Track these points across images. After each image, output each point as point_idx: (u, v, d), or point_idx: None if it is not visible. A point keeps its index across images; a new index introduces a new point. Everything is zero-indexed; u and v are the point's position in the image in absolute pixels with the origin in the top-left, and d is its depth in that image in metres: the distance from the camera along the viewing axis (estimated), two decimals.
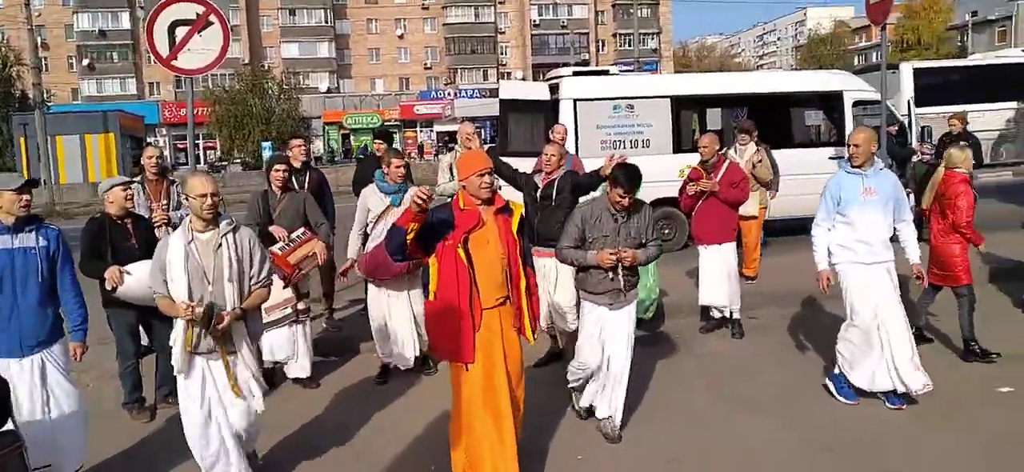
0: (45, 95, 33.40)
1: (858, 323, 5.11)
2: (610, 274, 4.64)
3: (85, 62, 57.78)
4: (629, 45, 58.42)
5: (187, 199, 3.81)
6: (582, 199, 5.54)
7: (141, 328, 5.46)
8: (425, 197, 3.62)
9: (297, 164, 7.05)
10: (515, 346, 4.06)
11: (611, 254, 4.55)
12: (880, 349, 5.06)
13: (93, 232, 5.15)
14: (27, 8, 31.47)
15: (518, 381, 4.09)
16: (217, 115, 44.76)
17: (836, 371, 5.35)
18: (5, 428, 3.65)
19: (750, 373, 6.04)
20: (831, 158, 10.67)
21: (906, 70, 17.57)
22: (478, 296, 3.85)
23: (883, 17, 9.66)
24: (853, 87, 11.37)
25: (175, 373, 3.95)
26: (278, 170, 5.98)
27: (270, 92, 46.10)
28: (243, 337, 3.97)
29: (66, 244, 4.35)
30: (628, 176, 4.57)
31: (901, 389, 5.06)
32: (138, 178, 6.22)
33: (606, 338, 4.78)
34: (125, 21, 57.85)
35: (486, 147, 8.07)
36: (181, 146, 53.51)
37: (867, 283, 5.08)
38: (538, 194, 5.89)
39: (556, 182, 5.83)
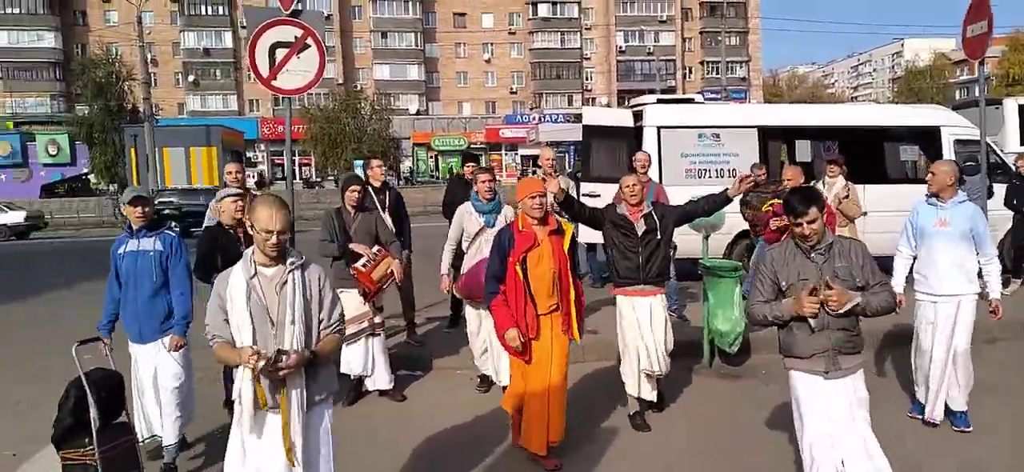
0: (154, 109, 35.39)
1: (918, 349, 5.46)
2: (818, 326, 3.65)
3: (190, 78, 60.93)
4: (717, 73, 57.67)
5: (251, 228, 3.21)
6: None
7: None
8: None
9: (376, 183, 7.34)
10: (564, 348, 4.82)
11: (812, 298, 3.59)
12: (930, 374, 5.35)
13: (206, 240, 5.53)
14: (139, 26, 33.58)
15: (562, 374, 4.81)
16: (312, 133, 46.41)
17: None
18: (119, 420, 3.98)
19: None
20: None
21: (1010, 106, 16.65)
22: (532, 306, 4.64)
23: (981, 52, 9.26)
24: (951, 123, 10.97)
25: (235, 425, 3.32)
26: (354, 190, 6.15)
27: (363, 112, 47.51)
28: (301, 394, 3.23)
29: (181, 247, 4.93)
30: (801, 197, 3.69)
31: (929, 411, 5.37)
32: (230, 190, 6.45)
33: (833, 424, 3.72)
34: (228, 40, 60.79)
35: (570, 171, 8.17)
36: (278, 162, 55.80)
37: (930, 318, 5.33)
38: (638, 229, 5.36)
39: (653, 213, 5.43)
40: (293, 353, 3.11)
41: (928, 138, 11.02)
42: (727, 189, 5.47)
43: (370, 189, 7.29)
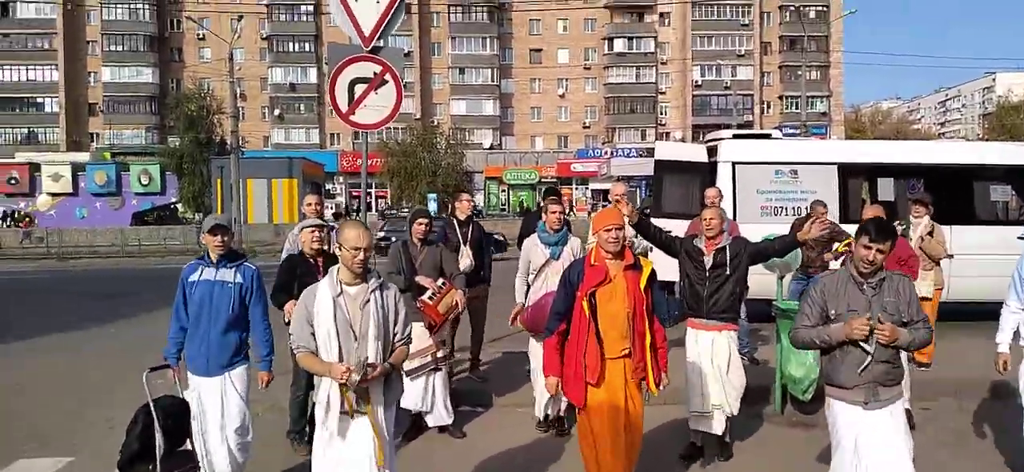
0: (240, 141, 36.84)
1: None
2: (862, 355, 3.82)
3: (276, 112, 63.32)
4: (796, 108, 56.34)
5: (339, 248, 3.60)
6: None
7: None
8: None
9: (462, 217, 7.40)
10: (637, 399, 4.27)
11: (863, 322, 3.75)
12: None
13: (285, 268, 5.71)
14: (230, 62, 35.14)
15: (635, 430, 4.29)
16: (389, 166, 47.41)
17: None
18: (183, 448, 4.05)
19: (918, 467, 5.56)
20: (1021, 237, 9.81)
21: None
22: (599, 347, 4.13)
23: None
24: None
25: (320, 430, 3.69)
26: (421, 223, 6.20)
27: (438, 146, 48.31)
28: (380, 400, 3.69)
29: (261, 282, 4.81)
30: (881, 226, 3.85)
31: None
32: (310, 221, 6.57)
33: (863, 451, 3.86)
34: (313, 76, 62.97)
35: (638, 206, 8.02)
36: (356, 193, 57.19)
37: None
38: (707, 262, 5.37)
39: (727, 249, 5.36)
40: (378, 366, 3.55)
41: (1021, 177, 10.46)
42: (797, 230, 5.41)
43: (454, 222, 7.36)
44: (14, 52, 62.47)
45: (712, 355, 5.36)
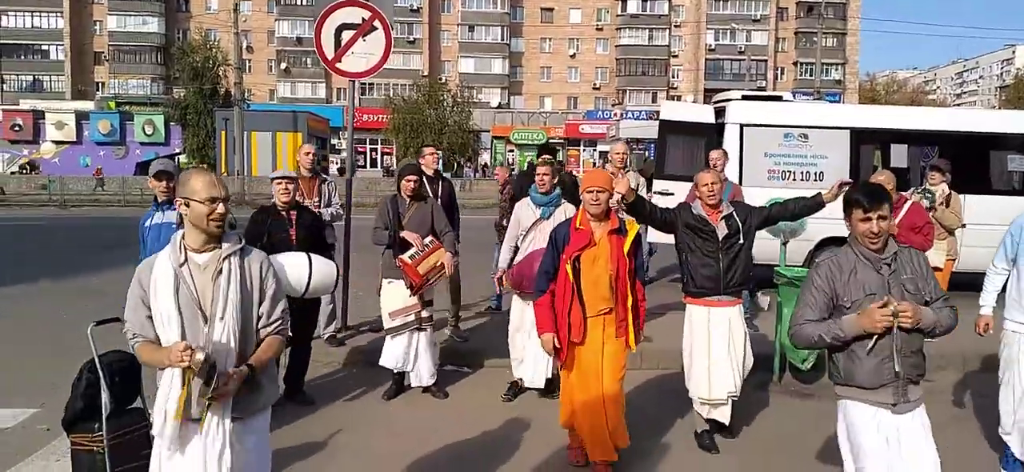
0: (246, 94, 36.42)
1: (1007, 391, 4.52)
2: (886, 350, 3.09)
3: (282, 66, 62.68)
4: (810, 75, 55.47)
5: (186, 206, 2.74)
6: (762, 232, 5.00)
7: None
8: None
9: (429, 172, 7.07)
10: (616, 352, 4.39)
11: (886, 312, 3.00)
12: None
13: (254, 220, 5.50)
14: (235, 12, 34.63)
15: (615, 380, 4.40)
16: (395, 123, 47.00)
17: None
18: (133, 406, 3.80)
19: None
20: None
21: None
22: (580, 308, 4.28)
23: None
24: None
25: (156, 438, 2.78)
26: (410, 180, 5.89)
27: (445, 104, 47.80)
28: (242, 410, 2.81)
29: None
30: (869, 193, 3.16)
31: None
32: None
33: (895, 457, 3.14)
34: None
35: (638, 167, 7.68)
36: (361, 149, 56.89)
37: (1015, 353, 4.44)
38: (719, 233, 4.85)
39: (735, 215, 4.90)
40: (234, 372, 2.68)
41: None
42: (821, 193, 4.87)
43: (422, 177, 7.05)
44: None
45: (730, 336, 4.90)
